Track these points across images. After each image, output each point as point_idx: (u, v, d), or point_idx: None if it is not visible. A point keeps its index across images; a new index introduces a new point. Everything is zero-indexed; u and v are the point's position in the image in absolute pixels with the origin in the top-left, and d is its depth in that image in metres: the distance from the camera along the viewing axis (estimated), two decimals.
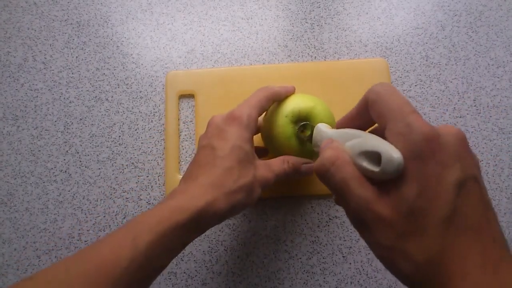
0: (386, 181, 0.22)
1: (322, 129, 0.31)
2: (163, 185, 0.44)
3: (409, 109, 0.22)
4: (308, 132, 0.34)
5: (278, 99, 0.36)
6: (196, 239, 0.42)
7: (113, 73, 0.48)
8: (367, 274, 0.41)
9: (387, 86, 0.24)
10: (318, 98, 0.37)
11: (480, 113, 0.46)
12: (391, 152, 0.21)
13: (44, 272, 0.24)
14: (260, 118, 0.37)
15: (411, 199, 0.20)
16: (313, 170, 0.36)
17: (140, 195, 0.44)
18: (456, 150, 0.21)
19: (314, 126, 0.33)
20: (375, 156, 0.22)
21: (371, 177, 0.23)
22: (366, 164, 0.22)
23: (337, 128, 0.30)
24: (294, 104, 0.36)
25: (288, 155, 0.36)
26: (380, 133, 0.24)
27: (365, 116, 0.26)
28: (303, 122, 0.35)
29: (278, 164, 0.34)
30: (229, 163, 0.30)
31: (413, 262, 0.20)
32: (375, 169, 0.22)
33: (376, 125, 0.28)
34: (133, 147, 0.45)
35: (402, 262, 0.21)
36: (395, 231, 0.21)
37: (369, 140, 0.23)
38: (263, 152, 0.41)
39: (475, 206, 0.20)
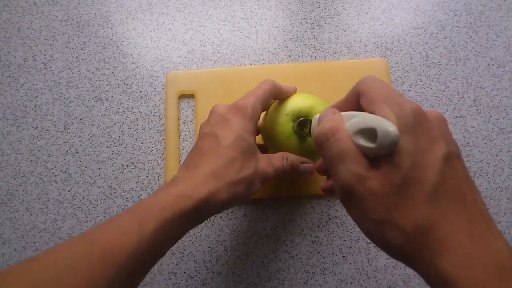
0: (380, 157, 0.22)
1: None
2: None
3: (397, 93, 0.24)
4: (308, 129, 0.35)
5: (280, 95, 0.36)
6: (196, 239, 0.42)
7: (113, 73, 0.48)
8: (367, 274, 0.41)
9: (376, 78, 0.25)
10: (318, 97, 0.37)
11: (480, 113, 0.46)
12: (387, 126, 0.21)
13: (49, 253, 0.24)
14: (260, 118, 0.37)
15: (404, 170, 0.21)
16: (312, 169, 0.36)
17: (140, 195, 0.44)
18: (440, 128, 0.22)
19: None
20: (371, 133, 0.22)
21: (367, 154, 0.23)
22: (363, 141, 0.23)
23: None
24: (294, 103, 0.36)
25: (287, 151, 0.36)
26: None
27: (353, 106, 0.27)
28: (302, 118, 0.35)
29: (278, 159, 0.34)
30: (232, 153, 0.30)
31: (402, 232, 0.21)
32: (372, 145, 0.22)
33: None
34: (133, 147, 0.45)
35: (391, 233, 0.22)
36: (385, 204, 0.22)
37: (366, 118, 0.23)
38: (262, 150, 0.41)
39: (461, 180, 0.22)
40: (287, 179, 0.43)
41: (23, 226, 0.43)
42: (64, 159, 0.45)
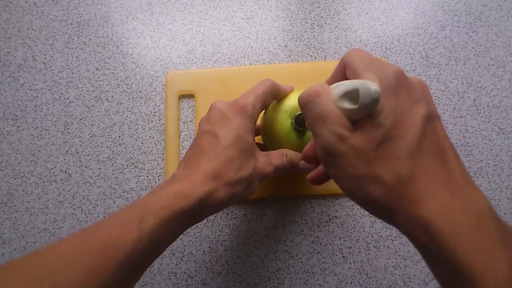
0: (363, 118, 0.23)
1: None
2: None
3: (380, 59, 0.24)
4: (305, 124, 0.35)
5: (279, 94, 0.36)
6: (196, 239, 0.42)
7: (113, 73, 0.48)
8: (367, 274, 0.41)
9: (360, 50, 0.26)
10: None
11: (480, 113, 0.46)
12: (368, 84, 0.22)
13: (52, 248, 0.24)
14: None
15: (386, 127, 0.22)
16: (312, 166, 0.36)
17: (140, 195, 0.44)
18: (422, 91, 0.23)
19: None
20: (355, 96, 0.23)
21: (353, 118, 0.24)
22: (347, 104, 0.23)
23: None
24: (292, 100, 0.36)
25: (287, 148, 0.36)
26: None
27: (341, 79, 0.27)
28: (298, 113, 0.35)
29: (277, 157, 0.34)
30: (232, 153, 0.30)
31: (383, 184, 0.22)
32: (355, 106, 0.23)
33: None
34: (133, 147, 0.45)
35: (372, 186, 0.22)
36: (365, 159, 0.22)
37: (349, 82, 0.24)
38: (261, 149, 0.41)
39: (441, 138, 0.22)
40: (286, 176, 0.43)
41: (23, 226, 0.43)
42: (64, 159, 0.45)
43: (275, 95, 0.36)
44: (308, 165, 0.36)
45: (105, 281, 0.23)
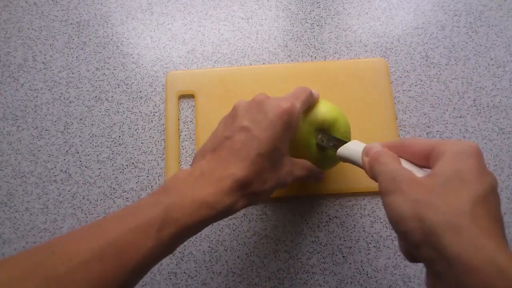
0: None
1: (359, 143, 0.33)
2: None
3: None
4: (328, 141, 0.35)
5: (312, 104, 0.36)
6: (196, 239, 0.42)
7: (113, 73, 0.48)
8: (367, 274, 0.41)
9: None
10: (338, 108, 0.38)
11: (480, 113, 0.46)
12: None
13: (64, 244, 0.24)
14: None
15: (448, 174, 0.23)
16: (322, 178, 0.38)
17: (140, 195, 0.44)
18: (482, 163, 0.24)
19: (345, 142, 0.34)
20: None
21: None
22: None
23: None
24: (319, 113, 0.36)
25: (304, 159, 0.36)
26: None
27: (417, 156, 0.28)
28: (324, 130, 0.36)
29: (300, 169, 0.34)
30: (264, 164, 0.29)
31: (441, 212, 0.22)
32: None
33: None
34: (133, 147, 0.45)
35: (430, 212, 0.22)
36: (425, 188, 0.23)
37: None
38: None
39: (496, 210, 0.23)
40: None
41: (23, 226, 0.43)
42: (64, 159, 0.45)
43: (310, 104, 0.35)
44: (320, 178, 0.38)
45: (113, 285, 0.23)
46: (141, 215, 0.26)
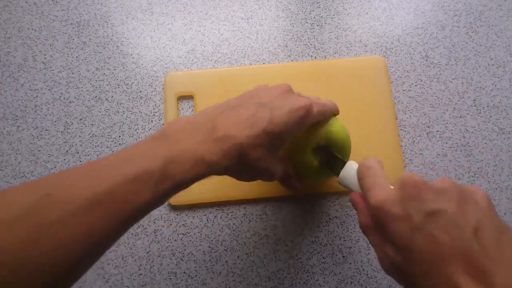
0: None
1: (355, 167, 0.33)
2: None
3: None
4: (333, 165, 0.35)
5: (327, 118, 0.36)
6: (196, 239, 0.42)
7: (113, 73, 0.48)
8: (367, 274, 0.41)
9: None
10: (346, 128, 0.38)
11: (480, 113, 0.46)
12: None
13: (65, 186, 0.23)
14: None
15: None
16: (298, 191, 0.38)
17: None
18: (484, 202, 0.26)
19: (345, 162, 0.34)
20: None
21: None
22: None
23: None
24: (330, 133, 0.36)
25: (302, 170, 0.37)
26: None
27: None
28: (338, 157, 0.35)
29: (284, 169, 0.35)
30: (264, 141, 0.29)
31: (436, 243, 0.23)
32: None
33: None
34: None
35: (426, 241, 0.24)
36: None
37: None
38: None
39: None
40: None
41: None
42: (64, 159, 0.45)
43: (325, 117, 0.36)
44: (297, 190, 0.38)
45: (103, 234, 0.23)
46: (140, 164, 0.25)
